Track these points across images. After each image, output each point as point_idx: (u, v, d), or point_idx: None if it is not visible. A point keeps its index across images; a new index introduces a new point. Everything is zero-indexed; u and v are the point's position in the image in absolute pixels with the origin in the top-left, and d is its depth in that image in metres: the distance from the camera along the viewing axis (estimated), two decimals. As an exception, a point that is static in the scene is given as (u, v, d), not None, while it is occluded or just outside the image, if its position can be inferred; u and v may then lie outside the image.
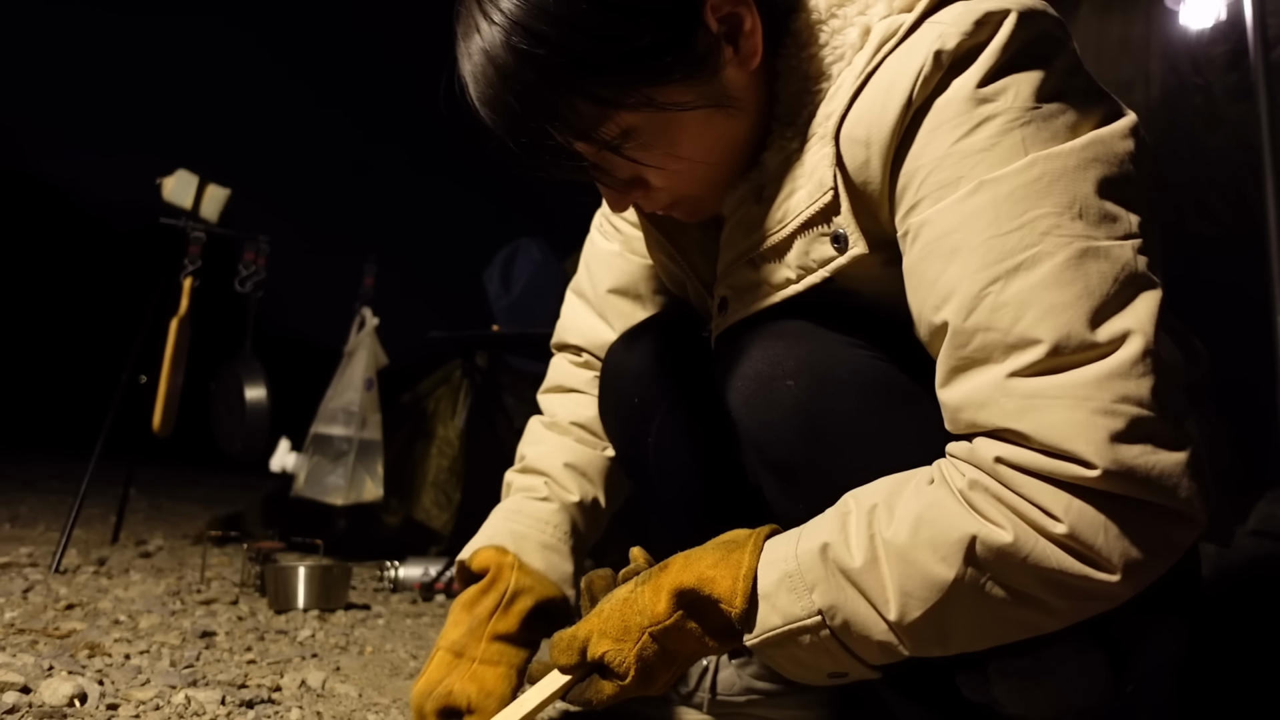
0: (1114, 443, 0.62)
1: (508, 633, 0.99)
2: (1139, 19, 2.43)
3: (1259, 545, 1.72)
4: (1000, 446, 0.66)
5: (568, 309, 1.22)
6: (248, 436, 2.85)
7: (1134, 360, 0.63)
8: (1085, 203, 0.67)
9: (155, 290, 2.71)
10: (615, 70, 0.77)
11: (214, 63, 39.88)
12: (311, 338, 11.61)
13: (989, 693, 0.78)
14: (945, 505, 0.68)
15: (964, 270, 0.68)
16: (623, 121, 0.79)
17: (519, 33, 0.75)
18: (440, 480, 3.06)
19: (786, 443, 0.83)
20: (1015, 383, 0.65)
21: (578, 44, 0.75)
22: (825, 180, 0.78)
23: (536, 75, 0.76)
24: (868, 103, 0.75)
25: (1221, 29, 2.26)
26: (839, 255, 0.79)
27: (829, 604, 0.71)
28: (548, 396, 1.21)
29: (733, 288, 0.89)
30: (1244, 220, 2.22)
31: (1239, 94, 2.19)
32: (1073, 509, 0.64)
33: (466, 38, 0.80)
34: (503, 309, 2.86)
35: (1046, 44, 0.72)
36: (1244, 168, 2.05)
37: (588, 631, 0.81)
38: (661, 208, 0.91)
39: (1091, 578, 0.64)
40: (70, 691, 1.08)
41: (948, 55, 0.70)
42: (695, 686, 1.16)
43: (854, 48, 0.79)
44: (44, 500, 4.06)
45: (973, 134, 0.69)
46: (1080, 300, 0.65)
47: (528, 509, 1.09)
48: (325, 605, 1.93)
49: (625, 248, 1.15)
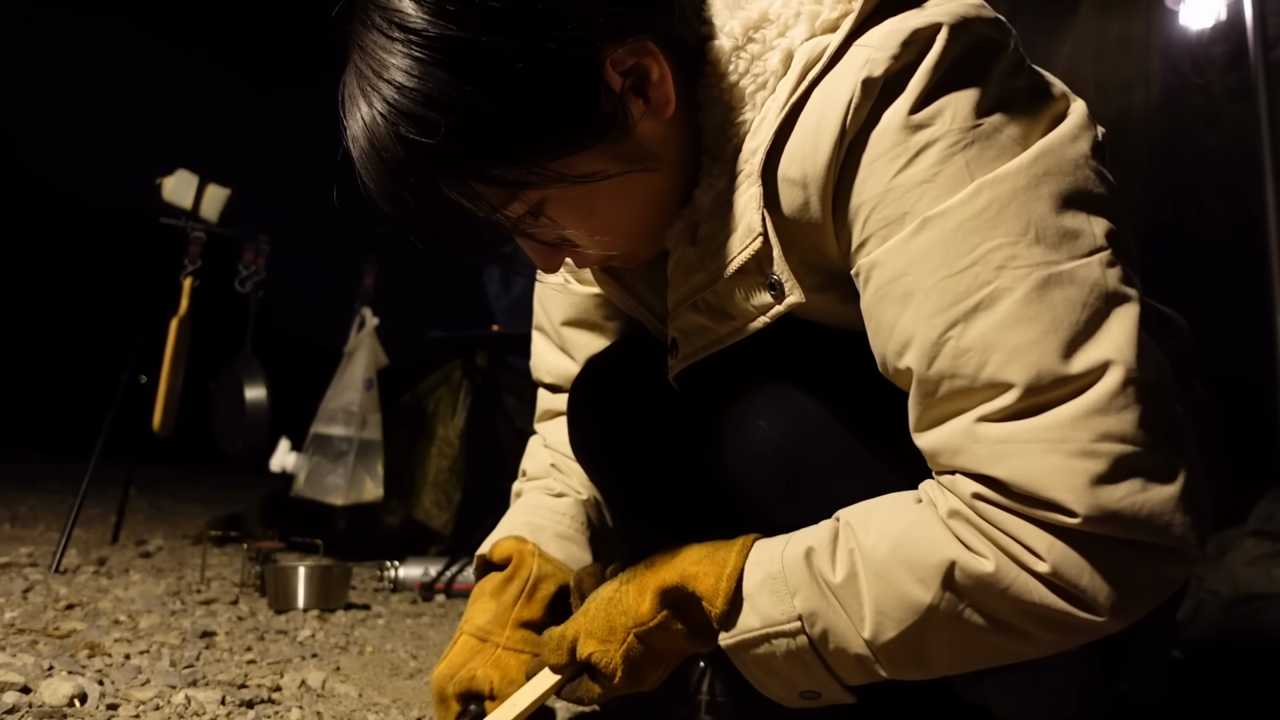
0: (1096, 486, 0.59)
1: (532, 620, 0.98)
2: (1139, 19, 2.44)
3: (1259, 545, 1.72)
4: (978, 486, 0.63)
5: (535, 347, 1.19)
6: (248, 436, 2.85)
7: (1113, 392, 0.59)
8: (1041, 224, 0.62)
9: (155, 290, 2.71)
10: (514, 150, 0.70)
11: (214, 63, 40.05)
12: (311, 338, 11.60)
13: (985, 697, 0.78)
14: (927, 527, 0.65)
15: (919, 316, 0.64)
16: (532, 198, 0.74)
17: (405, 122, 0.68)
18: (440, 480, 3.06)
19: (764, 486, 0.81)
20: (986, 428, 0.62)
21: (469, 128, 0.68)
22: (754, 225, 0.73)
23: (428, 165, 0.69)
24: (799, 141, 0.70)
25: (1221, 29, 2.26)
26: (776, 303, 0.75)
27: (810, 610, 0.69)
28: (541, 425, 1.21)
29: (681, 330, 0.85)
30: (1244, 220, 2.22)
31: (1239, 94, 2.19)
32: (1055, 549, 0.60)
33: (351, 123, 0.72)
34: (503, 309, 2.86)
35: (982, 52, 0.66)
36: (1244, 167, 2.05)
37: (575, 630, 0.81)
38: (595, 264, 0.87)
39: (1076, 615, 0.61)
40: (70, 691, 1.08)
41: (876, 82, 0.65)
42: (694, 688, 1.16)
43: (776, 75, 0.73)
44: (44, 500, 4.06)
45: (912, 165, 0.65)
46: (1048, 335, 0.60)
47: (543, 503, 1.09)
48: (325, 605, 1.93)
49: (571, 278, 1.10)
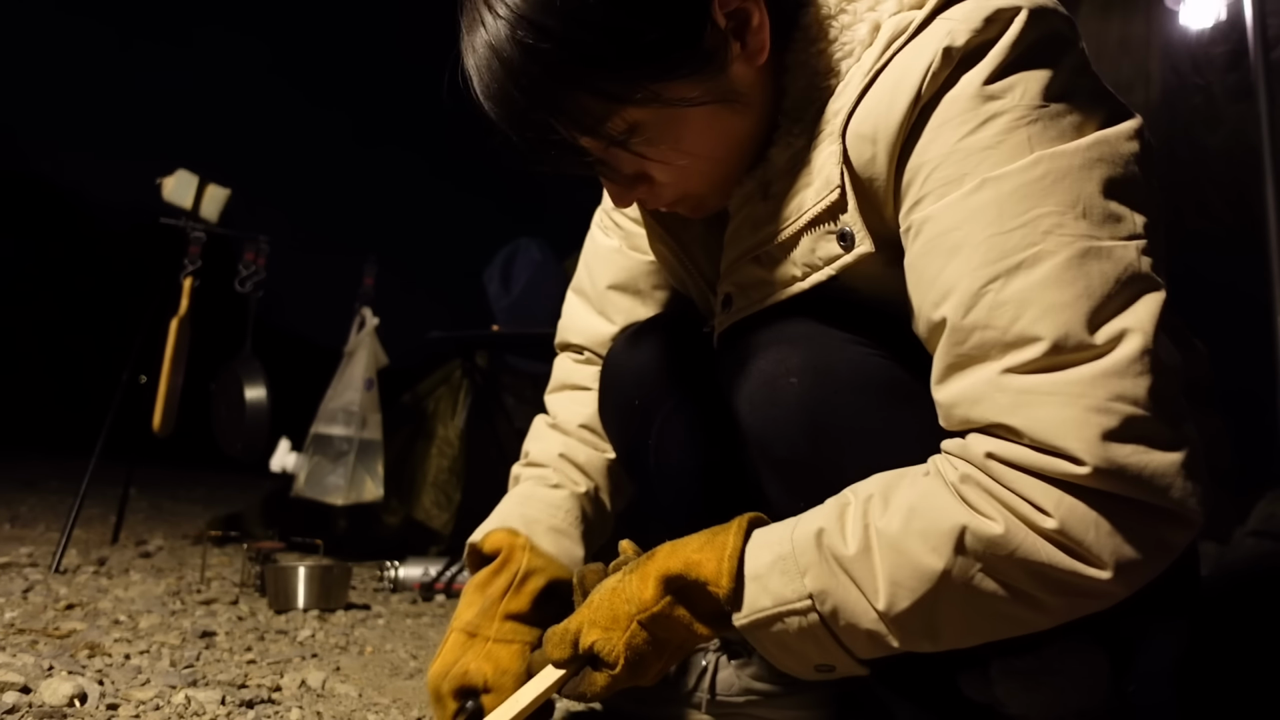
0: (1105, 440, 0.62)
1: (520, 612, 0.99)
2: (1139, 19, 2.43)
3: (1259, 545, 1.72)
4: (992, 442, 0.66)
5: (568, 308, 1.22)
6: (248, 436, 2.85)
7: (1131, 359, 0.63)
8: (1089, 202, 0.67)
9: (155, 290, 2.71)
10: (622, 65, 0.75)
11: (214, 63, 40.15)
12: (311, 338, 11.60)
13: (990, 692, 0.78)
14: (938, 496, 0.68)
15: (965, 267, 0.68)
16: (629, 117, 0.79)
17: (524, 27, 0.74)
18: (440, 480, 3.06)
19: (789, 440, 0.83)
20: (1010, 379, 0.65)
21: (584, 38, 0.74)
22: (832, 178, 0.78)
23: (542, 70, 0.75)
24: (875, 99, 0.75)
25: (1221, 29, 2.26)
26: (845, 253, 0.79)
27: (820, 588, 0.71)
28: (552, 397, 1.21)
29: (737, 284, 0.89)
30: (1244, 220, 2.22)
31: (1239, 94, 2.19)
32: (1063, 505, 0.63)
33: (471, 31, 0.78)
34: (503, 309, 2.86)
35: (1056, 43, 0.71)
36: (1244, 167, 2.05)
37: (579, 623, 0.81)
38: (665, 204, 0.90)
39: (1082, 573, 0.64)
40: (70, 691, 1.08)
41: (957, 51, 0.70)
42: (694, 687, 1.16)
43: (863, 44, 0.78)
44: (44, 500, 4.06)
45: (979, 131, 0.69)
46: (1080, 300, 0.64)
47: (539, 494, 1.10)
48: (325, 605, 1.93)
49: (625, 243, 1.14)
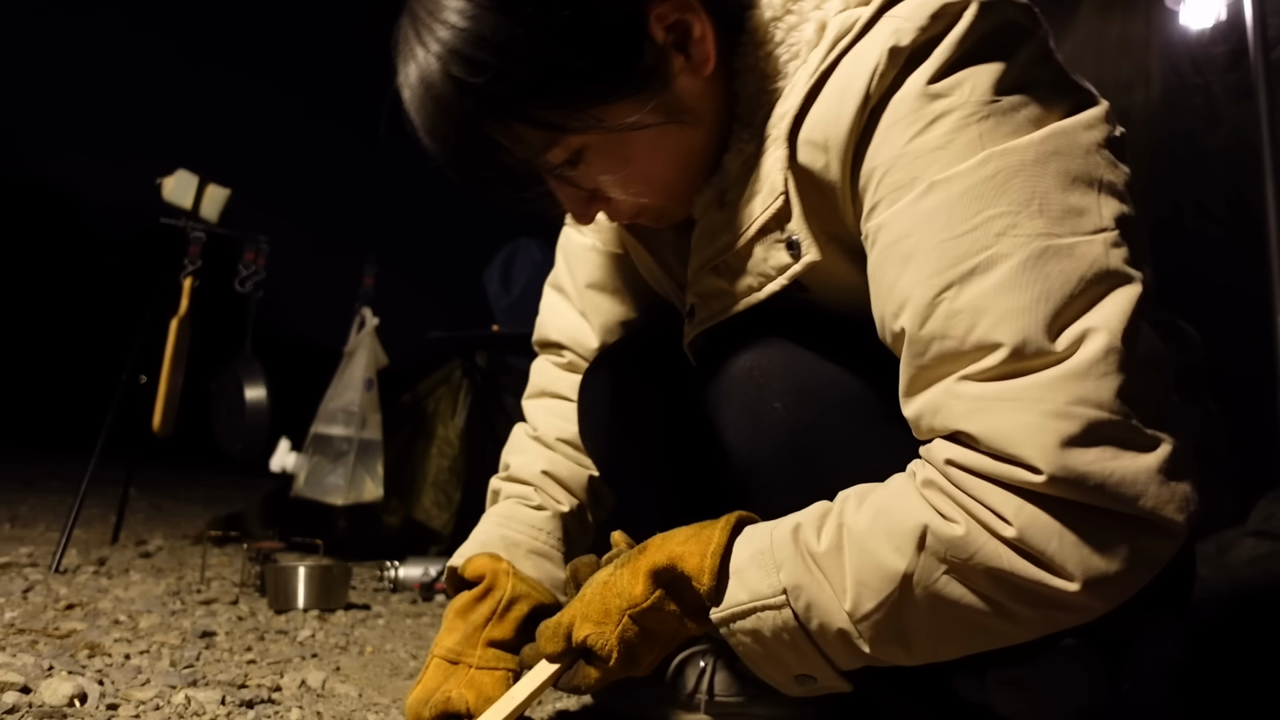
0: (1065, 447, 0.59)
1: (504, 639, 0.98)
2: (1139, 19, 2.43)
3: (1259, 545, 1.72)
4: (951, 448, 0.65)
5: (547, 304, 1.19)
6: (248, 436, 2.85)
7: (1094, 360, 0.60)
8: (1045, 198, 0.64)
9: (155, 290, 2.71)
10: (558, 94, 0.73)
11: (214, 64, 40.07)
12: (311, 338, 11.60)
13: (987, 697, 0.78)
14: (904, 497, 0.67)
15: (917, 276, 0.66)
16: (572, 144, 0.77)
17: (456, 61, 0.72)
18: (440, 480, 3.06)
19: (776, 466, 0.82)
20: (966, 385, 0.64)
21: (517, 70, 0.72)
22: (776, 185, 0.76)
23: (476, 104, 0.73)
24: (824, 105, 0.73)
25: (1221, 29, 2.26)
26: (794, 262, 0.77)
27: (794, 584, 0.70)
28: (531, 403, 1.20)
29: (700, 295, 0.88)
30: (1244, 220, 2.22)
31: (1239, 94, 2.19)
32: (1023, 512, 0.61)
33: (404, 65, 0.76)
34: (503, 309, 2.86)
35: (1009, 34, 0.69)
36: (1244, 167, 2.05)
37: (571, 617, 0.81)
38: (627, 218, 0.89)
39: (1047, 583, 0.61)
40: (70, 691, 1.08)
41: (903, 50, 0.68)
42: (693, 688, 1.16)
43: (809, 44, 0.76)
44: (44, 500, 4.06)
45: (926, 132, 0.67)
46: (1038, 303, 0.62)
47: (520, 515, 1.09)
48: (325, 605, 1.93)
49: (599, 240, 1.12)
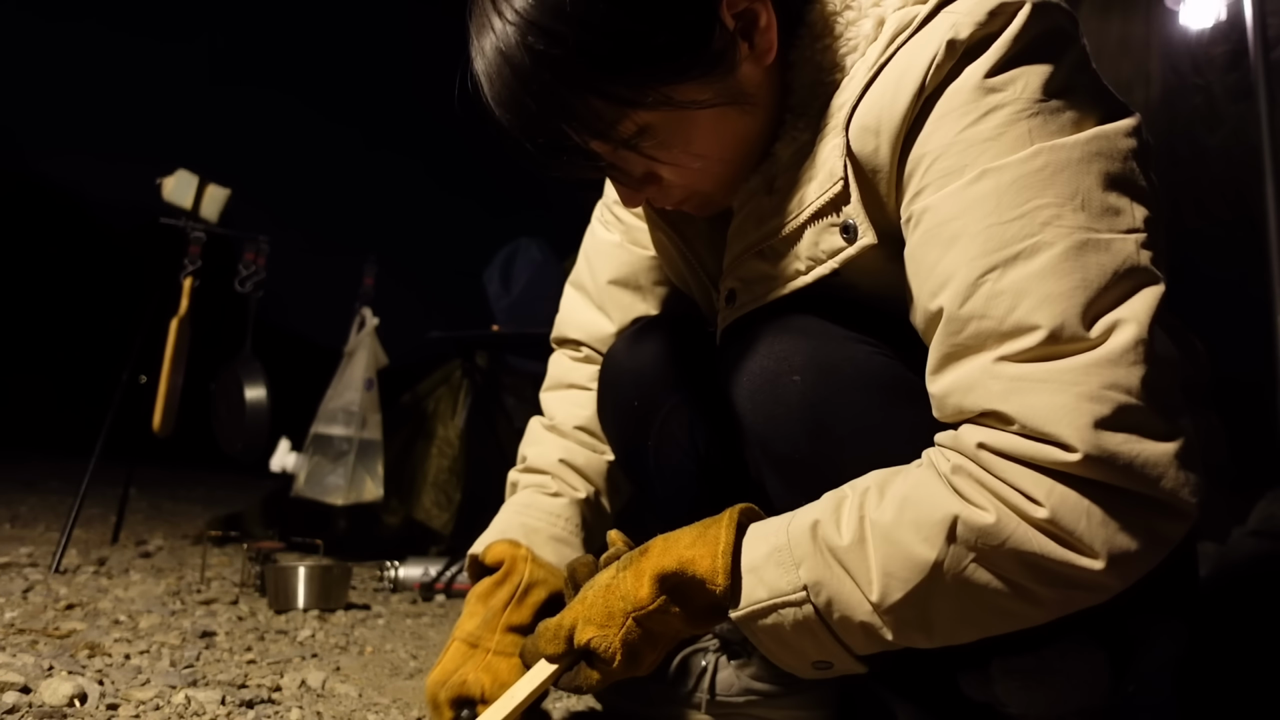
0: (1097, 428, 0.62)
1: (522, 624, 1.00)
2: (1139, 19, 2.43)
3: (1259, 545, 1.72)
4: (983, 432, 0.66)
5: (567, 303, 1.21)
6: (248, 436, 2.85)
7: (1125, 349, 0.63)
8: (1088, 195, 0.67)
9: (155, 290, 2.71)
10: (632, 69, 0.76)
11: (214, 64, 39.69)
12: (311, 338, 11.59)
13: (991, 691, 0.78)
14: (930, 487, 0.68)
15: (962, 257, 0.68)
16: (639, 120, 0.79)
17: (535, 32, 0.74)
18: (440, 480, 3.06)
19: (791, 438, 0.83)
20: (1004, 366, 0.66)
21: (595, 43, 0.74)
22: (836, 170, 0.78)
23: (553, 75, 0.75)
24: (879, 91, 0.75)
25: (1221, 29, 2.26)
26: (848, 245, 0.79)
27: (814, 580, 0.71)
28: (549, 395, 1.21)
29: (741, 279, 0.89)
30: (1244, 220, 2.22)
31: (1239, 94, 2.19)
32: (1054, 493, 0.63)
33: (480, 35, 0.79)
34: (503, 309, 2.86)
35: (1058, 38, 0.72)
36: (1243, 167, 2.05)
37: (573, 619, 0.82)
38: (674, 203, 0.91)
39: (1074, 564, 0.64)
40: (70, 691, 1.08)
41: (961, 44, 0.71)
42: (694, 687, 1.16)
43: (868, 39, 0.79)
44: (44, 500, 4.06)
45: (980, 122, 0.70)
46: (1077, 291, 0.65)
47: (539, 503, 1.10)
48: (325, 605, 1.93)
49: (626, 238, 1.14)
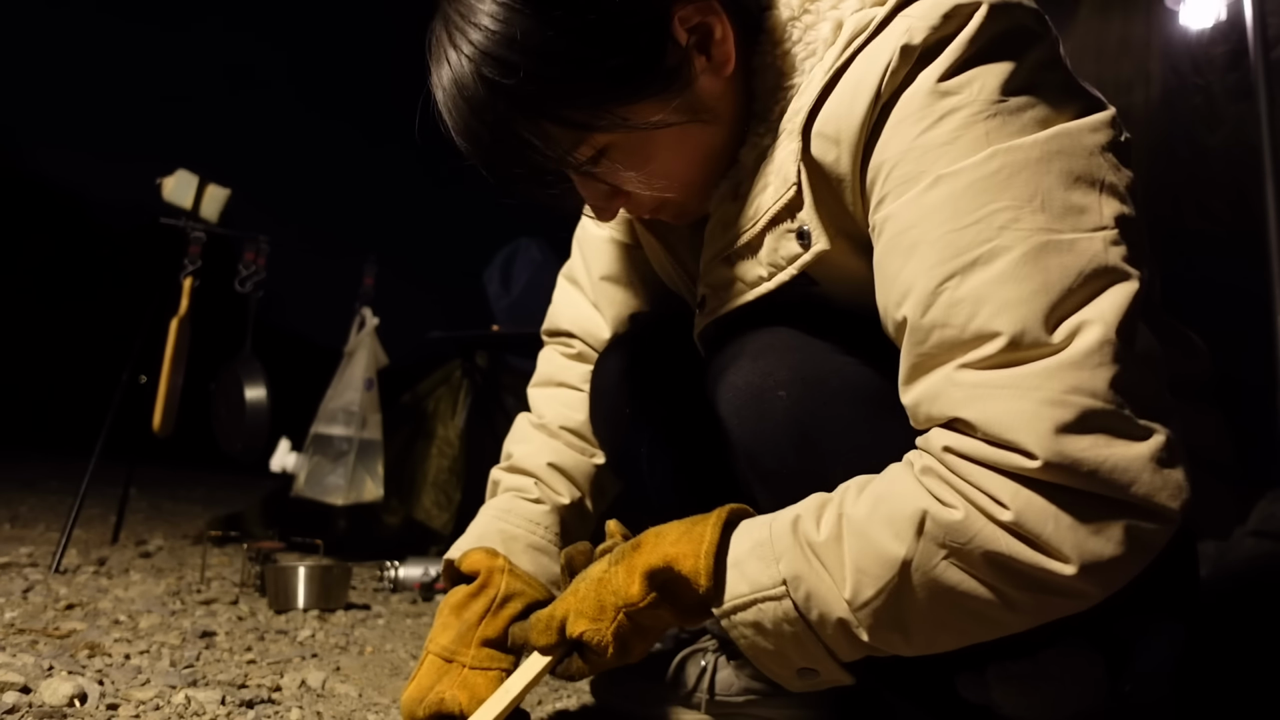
0: (1059, 434, 0.61)
1: (496, 638, 0.99)
2: (1139, 19, 2.43)
3: (1259, 545, 1.72)
4: (948, 436, 0.66)
5: (560, 295, 1.21)
6: (248, 436, 2.85)
7: (1089, 351, 0.62)
8: (1048, 195, 0.66)
9: (155, 290, 2.71)
10: (585, 94, 0.77)
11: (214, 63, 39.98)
12: (311, 338, 11.59)
13: (987, 695, 0.78)
14: (902, 483, 0.68)
15: (921, 265, 0.68)
16: (597, 142, 0.80)
17: (488, 63, 0.75)
18: (440, 480, 3.06)
19: (778, 453, 0.83)
20: (965, 374, 0.66)
21: (546, 71, 0.75)
22: (789, 176, 0.78)
23: (507, 105, 0.76)
24: (837, 100, 0.75)
25: (1221, 29, 2.26)
26: (804, 251, 0.79)
27: (794, 574, 0.71)
28: (538, 391, 1.21)
29: (710, 285, 0.90)
30: (1244, 219, 2.22)
31: (1239, 94, 2.19)
32: (1019, 497, 0.63)
33: (437, 67, 0.80)
34: (503, 309, 2.86)
35: (1018, 37, 0.71)
36: (1244, 167, 2.05)
37: (565, 610, 0.82)
38: (647, 213, 0.91)
39: (1044, 567, 0.63)
40: (70, 691, 1.08)
41: (915, 48, 0.70)
42: (694, 687, 1.16)
43: (825, 43, 0.78)
44: (44, 500, 4.06)
45: (935, 127, 0.69)
46: (1037, 295, 0.64)
47: (518, 509, 1.09)
48: (325, 605, 1.93)
49: (616, 232, 1.15)
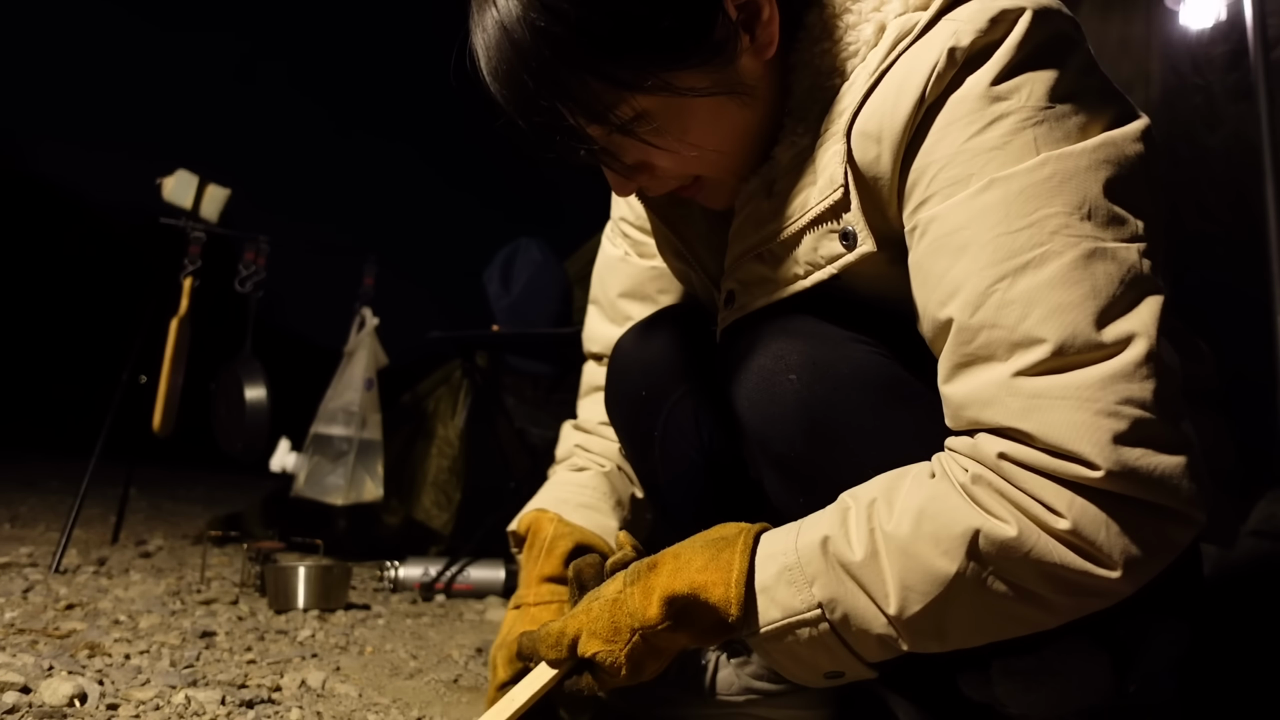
0: (1116, 444, 0.63)
1: (554, 574, 1.03)
2: (1139, 19, 2.43)
3: (1259, 545, 1.72)
4: (1004, 443, 0.67)
5: (588, 319, 1.26)
6: (248, 436, 2.85)
7: (1138, 363, 0.64)
8: (1095, 204, 0.67)
9: (155, 290, 2.71)
10: (633, 52, 0.76)
11: (215, 63, 39.97)
12: (311, 338, 11.60)
13: (991, 692, 0.78)
14: (948, 499, 0.68)
15: (972, 266, 0.69)
16: (637, 104, 0.79)
17: (538, 9, 0.73)
18: (440, 480, 3.06)
19: (788, 437, 0.83)
20: (1020, 382, 0.66)
21: (598, 24, 0.74)
22: (836, 177, 0.78)
23: (553, 53, 0.75)
24: (880, 99, 0.75)
25: (1221, 29, 2.26)
26: (848, 252, 0.79)
27: (829, 597, 0.71)
28: (582, 402, 1.27)
29: (741, 281, 0.90)
30: (1244, 220, 2.22)
31: (1239, 94, 2.19)
32: (1075, 505, 0.64)
33: (481, 9, 0.78)
34: (503, 309, 2.85)
35: (1061, 43, 0.72)
36: (1244, 168, 2.05)
37: (576, 628, 0.82)
38: (667, 191, 0.91)
39: (1092, 573, 0.65)
40: (70, 691, 1.08)
41: (962, 52, 0.71)
42: (694, 687, 1.16)
43: (868, 44, 0.79)
44: (44, 500, 4.05)
45: (985, 131, 0.70)
46: (1087, 300, 0.65)
47: (566, 479, 1.15)
48: (325, 605, 1.93)
49: (632, 251, 1.18)
